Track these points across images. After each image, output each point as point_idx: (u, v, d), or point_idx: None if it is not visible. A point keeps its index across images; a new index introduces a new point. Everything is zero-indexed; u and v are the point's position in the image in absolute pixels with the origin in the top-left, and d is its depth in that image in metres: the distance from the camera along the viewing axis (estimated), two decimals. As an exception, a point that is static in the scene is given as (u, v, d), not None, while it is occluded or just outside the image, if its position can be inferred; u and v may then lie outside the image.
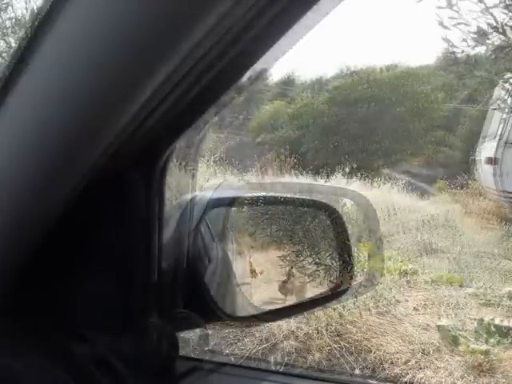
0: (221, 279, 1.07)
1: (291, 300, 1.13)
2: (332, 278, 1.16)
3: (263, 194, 1.24)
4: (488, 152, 11.60)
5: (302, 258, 1.17)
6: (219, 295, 0.97)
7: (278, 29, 0.60)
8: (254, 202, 1.13)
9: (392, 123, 28.51)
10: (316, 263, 1.18)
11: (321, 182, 13.61)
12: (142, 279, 0.82)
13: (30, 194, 0.68)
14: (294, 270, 1.15)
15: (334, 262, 1.17)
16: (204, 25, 0.52)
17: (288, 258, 1.15)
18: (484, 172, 12.19)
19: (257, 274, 1.11)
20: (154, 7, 0.48)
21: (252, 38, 0.60)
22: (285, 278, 1.14)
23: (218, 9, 0.50)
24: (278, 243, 1.17)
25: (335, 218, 1.16)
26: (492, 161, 11.11)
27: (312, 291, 1.17)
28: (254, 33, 0.59)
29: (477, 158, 13.81)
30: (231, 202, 1.09)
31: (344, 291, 1.13)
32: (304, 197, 1.46)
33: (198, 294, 0.86)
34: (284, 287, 1.12)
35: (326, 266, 1.18)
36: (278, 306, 1.12)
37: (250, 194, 1.21)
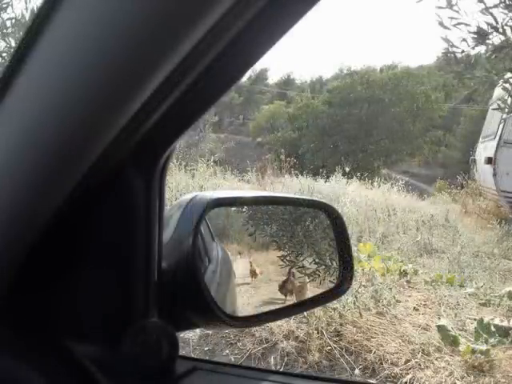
0: (221, 279, 1.07)
1: (291, 300, 1.13)
2: (332, 278, 1.16)
3: (263, 194, 1.24)
4: (488, 152, 11.61)
5: (301, 258, 1.18)
6: (219, 295, 0.97)
7: (278, 28, 0.60)
8: (253, 202, 1.13)
9: (390, 123, 28.62)
10: (316, 263, 1.18)
11: (321, 181, 13.66)
12: (141, 279, 0.82)
13: (28, 193, 0.68)
14: (293, 270, 1.15)
15: (333, 261, 1.17)
16: (202, 25, 0.52)
17: (288, 258, 1.15)
18: (483, 172, 12.20)
19: (257, 275, 1.11)
20: (152, 6, 0.48)
21: (251, 37, 0.61)
22: (285, 278, 1.14)
23: (217, 8, 0.50)
24: (277, 243, 1.16)
25: (335, 218, 1.16)
26: (492, 161, 11.12)
27: (312, 291, 1.17)
28: (253, 33, 0.59)
29: (476, 158, 13.84)
30: (231, 202, 1.09)
31: (344, 290, 1.14)
32: (304, 197, 1.47)
33: (198, 294, 0.86)
34: (284, 287, 1.12)
35: (326, 265, 1.18)
36: (277, 306, 1.12)
37: (250, 194, 1.22)
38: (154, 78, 0.57)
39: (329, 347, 3.64)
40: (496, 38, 5.97)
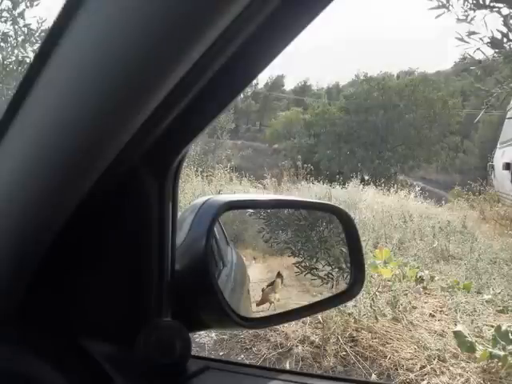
0: (235, 283, 1.08)
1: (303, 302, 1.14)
2: (344, 281, 1.17)
3: (275, 197, 1.24)
4: (506, 158, 11.48)
5: (314, 261, 1.18)
6: (233, 298, 0.97)
7: (291, 32, 0.61)
8: (266, 205, 1.14)
9: (407, 129, 28.47)
10: (329, 265, 1.18)
11: (337, 188, 13.63)
12: (155, 280, 0.84)
13: (45, 195, 0.69)
14: (308, 276, 1.15)
15: (345, 264, 1.18)
16: (216, 26, 0.52)
17: (303, 264, 1.15)
18: (502, 178, 12.06)
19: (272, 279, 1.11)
20: (163, 12, 0.49)
21: (262, 41, 0.61)
22: (299, 282, 1.14)
23: (227, 13, 0.51)
24: (292, 248, 1.17)
25: (345, 221, 1.17)
26: (510, 166, 10.99)
27: (324, 294, 1.17)
28: (267, 34, 0.60)
29: (494, 164, 13.68)
30: (244, 205, 1.10)
31: (356, 293, 1.14)
32: (314, 200, 1.47)
33: (210, 295, 0.86)
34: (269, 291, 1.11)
35: (339, 268, 1.18)
36: (289, 308, 1.12)
37: (262, 198, 1.22)
38: (167, 82, 0.58)
39: (344, 352, 3.63)
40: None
